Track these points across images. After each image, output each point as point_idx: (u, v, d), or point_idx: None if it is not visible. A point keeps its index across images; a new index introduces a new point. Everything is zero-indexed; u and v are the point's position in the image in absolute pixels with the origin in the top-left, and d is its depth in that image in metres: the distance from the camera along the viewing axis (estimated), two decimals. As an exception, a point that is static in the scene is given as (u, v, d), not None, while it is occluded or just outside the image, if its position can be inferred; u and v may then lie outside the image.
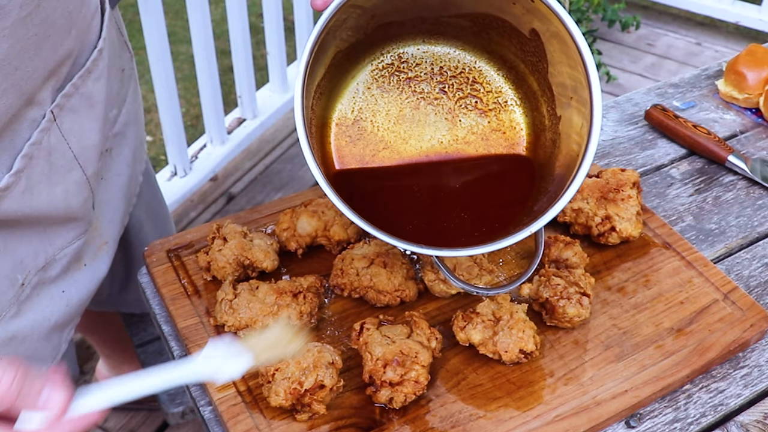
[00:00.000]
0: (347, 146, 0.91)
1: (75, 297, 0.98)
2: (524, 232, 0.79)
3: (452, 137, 0.92)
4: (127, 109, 1.03)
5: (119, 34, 0.99)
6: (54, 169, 0.84)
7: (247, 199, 2.52)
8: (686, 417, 0.88)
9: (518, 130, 0.92)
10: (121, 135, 1.03)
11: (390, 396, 0.83)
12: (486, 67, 0.91)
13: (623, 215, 1.02)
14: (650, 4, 3.60)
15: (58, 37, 0.80)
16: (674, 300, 0.98)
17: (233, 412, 0.83)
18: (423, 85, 0.91)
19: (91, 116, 0.89)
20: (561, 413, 0.85)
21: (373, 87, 0.91)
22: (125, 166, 1.05)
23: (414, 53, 0.91)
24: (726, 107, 1.40)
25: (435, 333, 0.88)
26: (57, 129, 0.83)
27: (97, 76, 0.89)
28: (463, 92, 0.91)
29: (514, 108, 0.92)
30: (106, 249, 1.02)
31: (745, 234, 1.13)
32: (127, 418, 1.81)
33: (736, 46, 3.29)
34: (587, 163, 0.80)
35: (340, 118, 0.91)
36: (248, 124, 2.67)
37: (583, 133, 0.81)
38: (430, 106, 0.91)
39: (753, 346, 0.96)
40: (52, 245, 0.91)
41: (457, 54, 0.91)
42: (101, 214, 1.00)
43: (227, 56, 2.75)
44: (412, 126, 0.91)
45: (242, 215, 1.08)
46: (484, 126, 0.92)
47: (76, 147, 0.87)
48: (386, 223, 0.79)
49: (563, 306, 0.91)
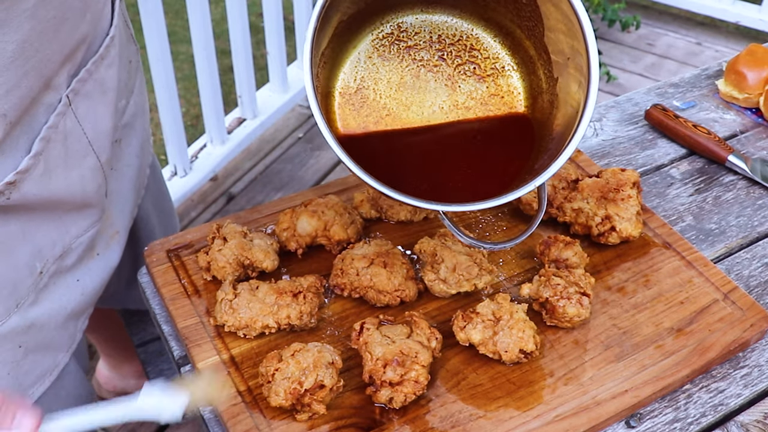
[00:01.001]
0: (351, 114, 0.94)
1: (89, 286, 1.00)
2: (528, 186, 0.81)
3: (452, 103, 0.94)
4: (134, 100, 1.05)
5: (126, 27, 1.02)
6: (70, 154, 0.87)
7: (247, 199, 2.51)
8: (686, 417, 0.88)
9: (516, 94, 0.95)
10: (130, 126, 1.05)
11: (390, 396, 0.83)
12: (483, 34, 0.94)
13: (623, 215, 1.02)
14: (650, 4, 3.60)
15: (75, 20, 0.83)
16: (674, 300, 0.98)
17: (233, 412, 0.83)
18: (422, 53, 0.94)
19: (104, 102, 0.92)
20: (561, 413, 0.85)
21: (374, 56, 0.93)
22: (134, 157, 1.08)
23: (413, 22, 0.93)
24: (726, 107, 1.40)
25: (435, 333, 0.88)
26: (72, 114, 0.86)
27: (109, 63, 0.92)
28: (461, 59, 0.94)
29: (511, 73, 0.95)
30: (117, 239, 1.05)
31: (745, 234, 1.13)
32: (127, 418, 1.80)
33: (737, 46, 3.29)
34: (586, 120, 0.82)
35: (344, 87, 0.93)
36: (248, 123, 2.67)
37: (581, 91, 0.83)
38: (429, 73, 0.94)
39: (753, 346, 0.96)
40: (68, 233, 0.93)
41: (455, 22, 0.94)
42: (112, 203, 1.03)
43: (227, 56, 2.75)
44: (413, 93, 0.94)
45: (242, 215, 1.08)
46: (482, 91, 0.95)
47: (91, 133, 0.90)
48: (391, 184, 0.81)
49: (563, 306, 0.91)
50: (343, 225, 1.02)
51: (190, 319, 0.94)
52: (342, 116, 0.93)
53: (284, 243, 1.02)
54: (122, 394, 1.74)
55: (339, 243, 1.02)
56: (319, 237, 1.02)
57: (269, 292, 0.91)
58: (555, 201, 1.07)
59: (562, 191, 1.08)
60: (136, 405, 0.71)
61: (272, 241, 1.00)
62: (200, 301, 0.96)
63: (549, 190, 1.07)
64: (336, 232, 1.01)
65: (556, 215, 1.07)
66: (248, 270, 0.98)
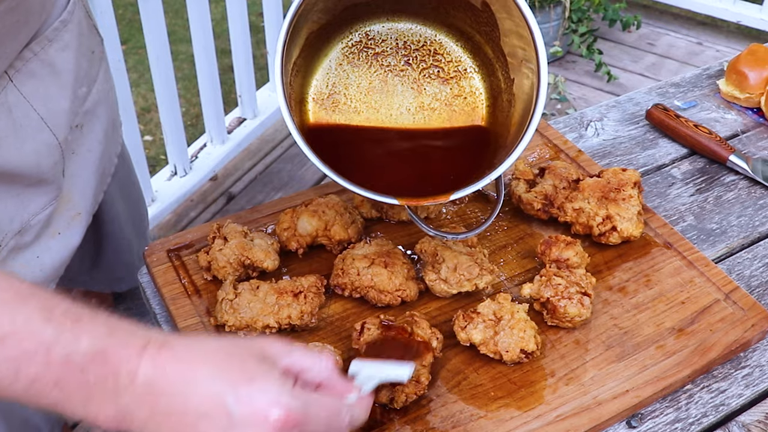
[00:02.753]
0: (324, 118, 0.99)
1: (48, 263, 1.03)
2: (485, 179, 0.87)
3: (418, 104, 1.00)
4: (97, 88, 1.09)
5: (88, 18, 1.05)
6: (19, 127, 0.91)
7: (247, 198, 2.51)
8: (687, 417, 0.88)
9: (478, 94, 1.01)
10: (92, 113, 1.08)
11: (391, 396, 0.83)
12: (445, 39, 1.00)
13: (624, 215, 1.02)
14: (651, 4, 3.60)
15: (34, 21, 0.89)
16: (675, 300, 0.98)
17: (234, 412, 0.83)
18: (389, 59, 1.00)
19: (56, 84, 0.96)
20: (562, 413, 0.85)
21: (344, 63, 0.99)
22: (96, 143, 1.11)
23: (380, 30, 0.99)
24: (727, 107, 1.39)
25: (436, 333, 0.88)
26: (15, 89, 0.90)
27: (61, 47, 0.95)
28: (426, 63, 1.00)
29: (473, 75, 1.01)
30: (79, 220, 1.08)
31: (747, 234, 1.13)
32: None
33: (738, 46, 3.29)
34: (536, 118, 0.88)
35: (317, 93, 0.99)
36: (248, 123, 2.67)
37: (533, 91, 0.89)
38: (396, 77, 1.00)
39: (754, 346, 0.96)
40: (26, 210, 0.96)
41: (419, 29, 1.00)
42: (73, 186, 1.06)
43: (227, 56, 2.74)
44: (382, 96, 1.00)
45: (242, 215, 1.08)
46: (446, 93, 1.00)
47: (43, 110, 0.94)
48: (355, 178, 0.87)
49: (564, 306, 0.91)
50: (344, 225, 1.01)
51: (191, 319, 0.94)
52: (316, 120, 0.99)
53: (285, 243, 1.01)
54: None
55: (340, 243, 1.02)
56: (320, 237, 1.02)
57: (270, 292, 0.91)
58: (556, 201, 1.07)
59: (563, 191, 1.08)
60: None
61: (273, 241, 1.00)
62: (201, 301, 0.96)
63: (550, 190, 1.07)
64: (337, 232, 1.01)
65: (557, 215, 1.07)
66: (249, 270, 0.98)
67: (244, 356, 0.62)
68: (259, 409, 0.58)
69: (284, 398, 0.59)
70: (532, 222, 1.09)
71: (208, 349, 0.62)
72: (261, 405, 0.58)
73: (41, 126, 0.94)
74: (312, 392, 0.64)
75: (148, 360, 0.58)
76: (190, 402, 0.58)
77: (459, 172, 0.96)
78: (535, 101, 0.88)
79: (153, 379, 0.58)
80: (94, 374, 0.57)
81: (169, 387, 0.58)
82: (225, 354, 0.62)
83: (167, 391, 0.58)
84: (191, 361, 0.60)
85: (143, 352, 0.58)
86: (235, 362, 0.61)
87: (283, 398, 0.59)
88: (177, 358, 0.59)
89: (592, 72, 3.14)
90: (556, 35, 3.08)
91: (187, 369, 0.59)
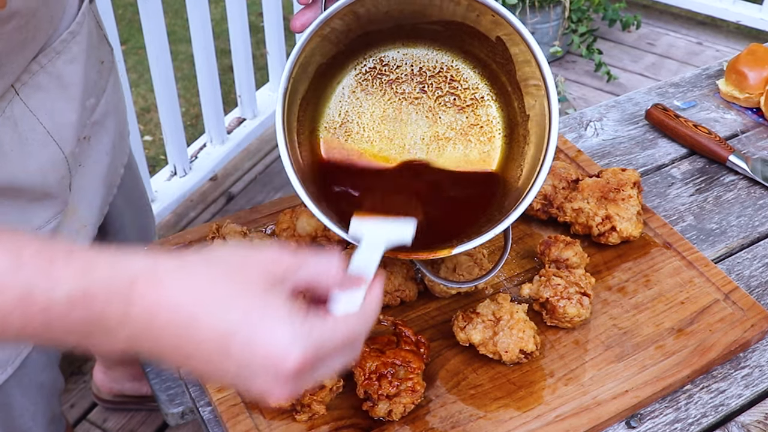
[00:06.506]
0: (336, 148, 0.96)
1: None
2: (492, 231, 0.83)
3: (432, 134, 0.96)
4: (106, 99, 1.07)
5: (98, 28, 1.04)
6: (25, 141, 0.89)
7: (247, 199, 2.51)
8: (687, 417, 0.88)
9: (495, 123, 0.96)
10: (100, 124, 1.07)
11: (389, 408, 0.82)
12: (462, 65, 0.95)
13: (624, 215, 1.02)
14: (651, 4, 3.59)
15: (42, 36, 0.86)
16: (675, 300, 0.98)
17: (233, 413, 0.83)
18: (404, 86, 0.96)
19: (64, 97, 0.94)
20: (561, 413, 0.85)
21: (358, 90, 0.95)
22: (104, 154, 1.09)
23: (395, 56, 0.95)
24: (727, 107, 1.39)
25: (422, 338, 0.88)
26: (21, 102, 0.88)
27: (69, 59, 0.93)
28: (442, 90, 0.96)
29: (490, 103, 0.96)
30: (85, 232, 1.06)
31: (746, 234, 1.12)
32: (126, 419, 1.80)
33: (737, 46, 3.28)
34: (545, 169, 0.84)
35: (328, 122, 0.95)
36: (248, 123, 2.67)
37: (544, 138, 0.86)
38: (411, 105, 0.96)
39: (754, 347, 0.96)
40: (29, 224, 0.94)
41: (435, 54, 0.95)
42: (80, 198, 1.04)
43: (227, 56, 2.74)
44: (396, 125, 0.96)
45: (242, 215, 1.08)
46: (462, 122, 0.96)
47: (49, 123, 0.92)
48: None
49: (563, 306, 0.91)
50: (343, 225, 1.01)
51: (190, 319, 0.93)
52: (327, 150, 0.95)
53: (284, 243, 1.01)
54: (120, 397, 1.75)
55: (339, 243, 1.02)
56: (319, 237, 1.02)
57: (269, 292, 0.91)
58: (555, 201, 1.07)
59: (562, 191, 1.07)
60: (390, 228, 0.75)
61: (272, 241, 1.00)
62: (200, 302, 0.96)
63: (549, 190, 1.07)
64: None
65: (556, 215, 1.07)
66: (248, 270, 0.98)
67: (247, 285, 0.56)
68: (272, 355, 0.54)
69: (298, 343, 0.54)
70: (531, 222, 1.09)
71: (206, 281, 0.56)
72: (273, 351, 0.54)
73: (47, 140, 0.92)
74: (325, 319, 0.58)
75: (138, 300, 0.54)
76: (195, 337, 0.54)
77: (467, 216, 0.92)
78: (546, 145, 0.85)
79: (149, 321, 0.54)
80: (80, 317, 0.53)
81: (168, 328, 0.54)
82: (225, 285, 0.56)
83: (166, 333, 0.54)
84: (186, 305, 0.54)
85: (131, 293, 0.54)
86: (238, 296, 0.55)
87: (297, 343, 0.54)
88: (170, 300, 0.54)
89: (591, 72, 3.14)
90: (555, 35, 3.08)
91: (185, 311, 0.54)
